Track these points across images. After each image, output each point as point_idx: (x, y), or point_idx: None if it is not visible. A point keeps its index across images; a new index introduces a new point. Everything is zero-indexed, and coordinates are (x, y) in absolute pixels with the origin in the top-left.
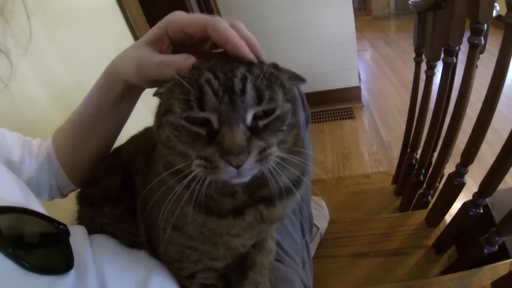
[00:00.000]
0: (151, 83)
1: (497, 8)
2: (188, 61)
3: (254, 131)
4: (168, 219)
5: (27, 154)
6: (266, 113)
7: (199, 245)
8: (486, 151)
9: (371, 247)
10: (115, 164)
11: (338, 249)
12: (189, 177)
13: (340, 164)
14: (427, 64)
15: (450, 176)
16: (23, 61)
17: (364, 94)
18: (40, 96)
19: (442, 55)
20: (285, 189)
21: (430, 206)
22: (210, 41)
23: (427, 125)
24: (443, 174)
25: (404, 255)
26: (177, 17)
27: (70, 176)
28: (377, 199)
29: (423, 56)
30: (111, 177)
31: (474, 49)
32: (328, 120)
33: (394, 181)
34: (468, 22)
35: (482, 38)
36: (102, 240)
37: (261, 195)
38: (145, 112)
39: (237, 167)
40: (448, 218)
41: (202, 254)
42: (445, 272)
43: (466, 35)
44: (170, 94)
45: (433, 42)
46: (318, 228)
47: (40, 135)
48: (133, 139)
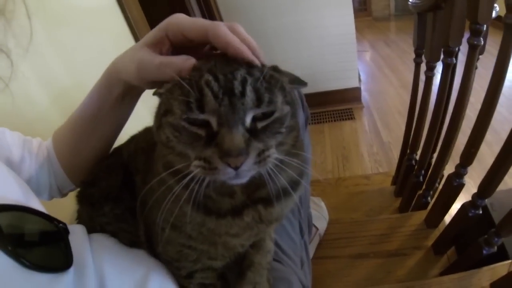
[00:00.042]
0: (151, 84)
1: (497, 9)
2: (188, 62)
3: (253, 133)
4: (167, 219)
5: (27, 154)
6: (265, 115)
7: (198, 245)
8: (486, 152)
9: (371, 248)
10: (115, 164)
11: (338, 250)
12: (188, 177)
13: (340, 165)
14: (427, 65)
15: (450, 177)
16: (24, 61)
17: (364, 95)
18: (40, 96)
19: (442, 56)
20: (283, 191)
21: (430, 207)
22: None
23: (427, 126)
24: (443, 175)
25: (404, 256)
26: (178, 20)
27: (70, 176)
28: (377, 200)
29: (423, 57)
30: (111, 177)
31: (474, 50)
32: (328, 121)
33: (394, 182)
34: (468, 23)
35: (482, 39)
36: (102, 239)
37: (260, 196)
38: (145, 112)
39: (236, 169)
40: (448, 219)
41: (201, 254)
42: (445, 273)
43: (466, 36)
44: (170, 95)
45: (433, 43)
46: (317, 229)
47: (40, 135)
48: (133, 139)
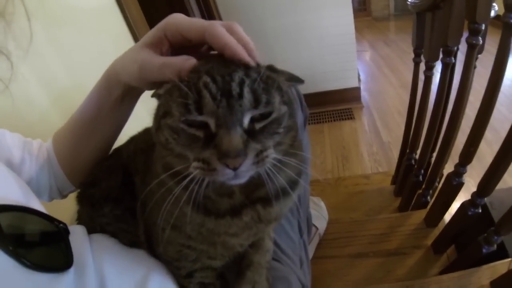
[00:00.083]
0: (151, 85)
1: (496, 8)
2: (188, 63)
3: (251, 134)
4: (167, 219)
5: (28, 155)
6: (263, 116)
7: (197, 245)
8: (486, 151)
9: (371, 247)
10: (115, 165)
11: (338, 250)
12: (188, 179)
13: (340, 165)
14: (426, 65)
15: (449, 176)
16: (24, 63)
17: (364, 95)
18: (40, 97)
19: (441, 56)
20: (282, 190)
21: (429, 206)
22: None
23: (427, 126)
24: (443, 174)
25: (403, 255)
26: (176, 20)
27: (70, 177)
28: (377, 200)
29: (422, 57)
30: (111, 178)
31: (472, 49)
32: (328, 121)
33: (394, 182)
34: (467, 22)
35: (480, 38)
36: (102, 240)
37: (258, 196)
38: (144, 113)
39: (234, 169)
40: (448, 218)
41: (200, 254)
42: (444, 272)
43: (465, 35)
44: (169, 97)
45: (432, 43)
46: (317, 229)
47: (40, 136)
48: (133, 140)
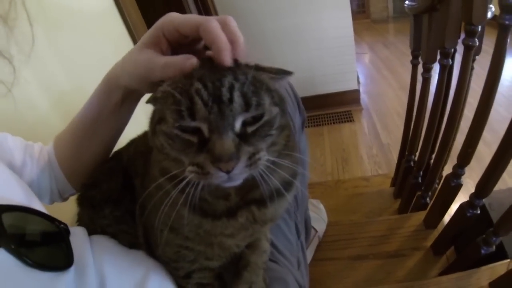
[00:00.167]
0: (151, 87)
1: (493, 9)
2: (189, 62)
3: (243, 138)
4: (165, 222)
5: (29, 158)
6: (255, 119)
7: (195, 246)
8: (485, 152)
9: (370, 249)
10: (115, 167)
11: (337, 252)
12: (184, 182)
13: (340, 167)
14: (424, 67)
15: (447, 178)
16: (26, 67)
17: (363, 97)
18: (41, 101)
19: (438, 57)
20: (276, 191)
21: (429, 208)
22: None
23: (425, 127)
24: (442, 176)
25: (403, 257)
26: (172, 18)
27: (71, 180)
28: (376, 202)
29: (420, 59)
30: (112, 180)
31: (469, 51)
32: (327, 124)
33: (393, 184)
34: (464, 24)
35: (477, 40)
36: (102, 241)
37: (253, 197)
38: (144, 117)
39: (228, 173)
40: (447, 220)
41: (198, 254)
42: (444, 273)
43: (463, 37)
44: (164, 104)
45: (429, 45)
46: (317, 231)
47: (41, 139)
48: (133, 143)
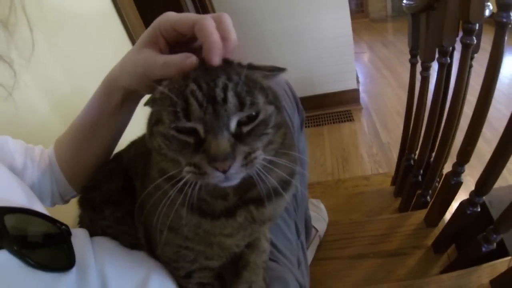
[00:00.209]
0: (150, 88)
1: (490, 7)
2: (189, 61)
3: (239, 137)
4: (164, 222)
5: (30, 161)
6: (250, 119)
7: (195, 245)
8: (485, 150)
9: (371, 248)
10: (116, 169)
11: (338, 251)
12: (181, 182)
13: (340, 167)
14: (422, 65)
15: (447, 176)
16: (26, 71)
17: (363, 96)
18: (41, 104)
19: (437, 56)
20: (274, 191)
21: (429, 206)
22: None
23: (425, 126)
24: (442, 174)
25: (404, 256)
26: (168, 17)
27: (72, 183)
28: (377, 201)
29: (418, 57)
30: (112, 182)
31: (467, 49)
32: (327, 123)
33: (394, 183)
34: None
35: (474, 38)
36: (103, 242)
37: (251, 197)
38: (144, 119)
39: (224, 172)
40: (448, 218)
41: (198, 254)
42: (445, 272)
43: (461, 35)
44: (160, 105)
45: (427, 43)
46: (317, 230)
47: (41, 142)
48: (133, 145)
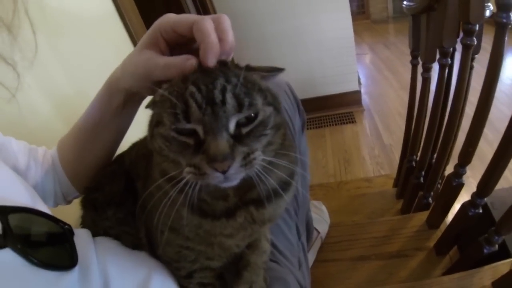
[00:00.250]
0: (151, 90)
1: (491, 8)
2: (189, 63)
3: (238, 138)
4: (165, 222)
5: (33, 162)
6: (249, 120)
7: (195, 246)
8: (487, 151)
9: (373, 250)
10: (118, 171)
11: (339, 253)
12: (182, 183)
13: (342, 169)
14: (423, 66)
15: (449, 177)
16: (29, 73)
17: (365, 98)
18: (44, 106)
19: (438, 57)
20: (273, 191)
21: (431, 208)
22: None
23: (426, 127)
24: (444, 176)
25: (406, 257)
26: (168, 18)
27: (74, 183)
28: (379, 203)
29: (419, 59)
30: (114, 183)
31: (467, 50)
32: (329, 125)
33: (396, 184)
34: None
35: (475, 39)
36: (105, 242)
37: (251, 197)
38: (146, 120)
39: (223, 173)
40: (450, 219)
41: (199, 254)
42: (447, 274)
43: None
44: (161, 108)
45: (428, 44)
46: (319, 232)
47: (44, 143)
48: (135, 146)
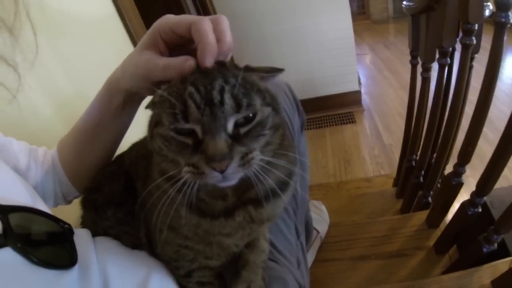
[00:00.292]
0: (151, 91)
1: (490, 7)
2: (188, 63)
3: (236, 138)
4: (164, 220)
5: (33, 162)
6: (247, 120)
7: (194, 245)
8: (487, 151)
9: (372, 250)
10: (118, 171)
11: (339, 252)
12: (180, 182)
13: (342, 169)
14: (423, 66)
15: (448, 176)
16: (30, 74)
17: (365, 98)
18: (44, 107)
19: (437, 57)
20: (271, 191)
21: (430, 207)
22: None
23: (426, 127)
24: (444, 175)
25: (405, 257)
26: (167, 19)
27: (74, 183)
28: (379, 202)
29: (419, 58)
30: (114, 183)
31: (467, 49)
32: (329, 125)
33: (395, 184)
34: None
35: (474, 38)
36: (105, 242)
37: (249, 197)
38: (145, 121)
39: (221, 172)
40: (450, 219)
41: (197, 253)
42: (446, 272)
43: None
44: (160, 108)
45: (427, 44)
46: (318, 232)
47: (44, 144)
48: (135, 146)
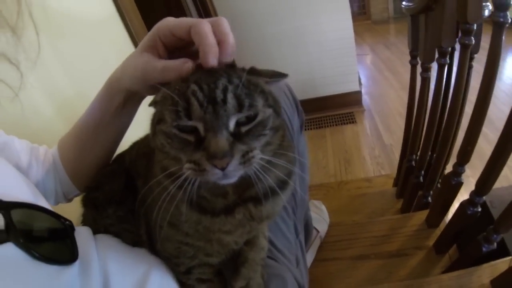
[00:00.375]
0: (151, 90)
1: (489, 7)
2: (186, 66)
3: (237, 137)
4: (164, 217)
5: (34, 161)
6: (249, 119)
7: (194, 242)
8: (487, 150)
9: (372, 249)
10: (118, 169)
11: (339, 252)
12: (181, 178)
13: (342, 169)
14: (422, 66)
15: (448, 176)
16: (31, 73)
17: (365, 98)
18: (46, 106)
19: (437, 57)
20: (270, 190)
21: (430, 207)
22: None
23: (426, 127)
24: (445, 175)
25: (405, 256)
26: (167, 22)
27: (75, 182)
28: (379, 202)
29: (418, 59)
30: (114, 181)
31: (465, 49)
32: (330, 126)
33: (396, 184)
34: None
35: (473, 38)
36: (106, 239)
37: (249, 195)
38: (146, 120)
39: (222, 169)
40: (449, 218)
41: (198, 250)
42: (446, 272)
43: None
44: (163, 105)
45: (427, 44)
46: (318, 232)
47: (45, 143)
48: (135, 145)
